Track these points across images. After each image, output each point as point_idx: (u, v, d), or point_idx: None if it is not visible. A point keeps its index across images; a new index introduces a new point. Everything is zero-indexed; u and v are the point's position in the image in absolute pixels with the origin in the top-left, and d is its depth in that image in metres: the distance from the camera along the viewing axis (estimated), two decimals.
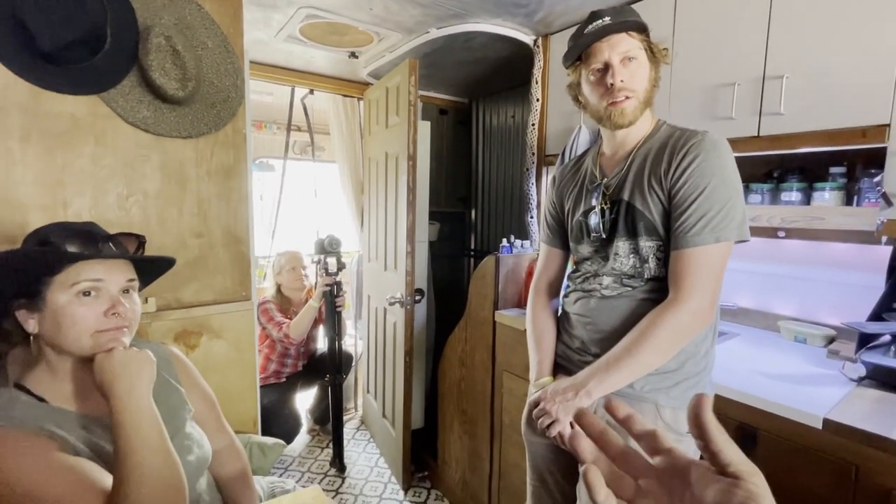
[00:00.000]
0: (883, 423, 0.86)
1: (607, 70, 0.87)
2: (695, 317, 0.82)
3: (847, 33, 1.07)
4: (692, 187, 0.82)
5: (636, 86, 0.87)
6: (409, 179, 1.89)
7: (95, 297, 0.75)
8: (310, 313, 2.25)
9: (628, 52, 0.86)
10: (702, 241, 0.81)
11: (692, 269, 0.82)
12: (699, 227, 0.81)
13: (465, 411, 1.90)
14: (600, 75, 0.89)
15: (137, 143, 1.26)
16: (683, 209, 0.82)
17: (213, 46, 1.35)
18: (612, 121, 0.90)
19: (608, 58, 0.87)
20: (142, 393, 0.74)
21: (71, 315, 0.73)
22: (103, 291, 0.76)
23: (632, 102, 0.87)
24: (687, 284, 0.82)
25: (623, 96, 0.87)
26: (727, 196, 0.82)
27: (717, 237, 0.81)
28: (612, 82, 0.86)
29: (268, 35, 1.86)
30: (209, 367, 1.35)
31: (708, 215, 0.81)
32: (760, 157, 1.37)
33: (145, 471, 0.68)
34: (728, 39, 1.27)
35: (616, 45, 0.86)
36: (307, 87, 2.47)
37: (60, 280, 0.73)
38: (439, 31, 1.78)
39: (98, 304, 0.75)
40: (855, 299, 1.32)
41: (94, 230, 0.82)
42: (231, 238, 1.42)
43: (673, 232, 0.84)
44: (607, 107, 0.89)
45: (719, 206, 0.81)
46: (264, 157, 3.10)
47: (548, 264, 1.12)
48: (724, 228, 0.81)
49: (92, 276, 0.75)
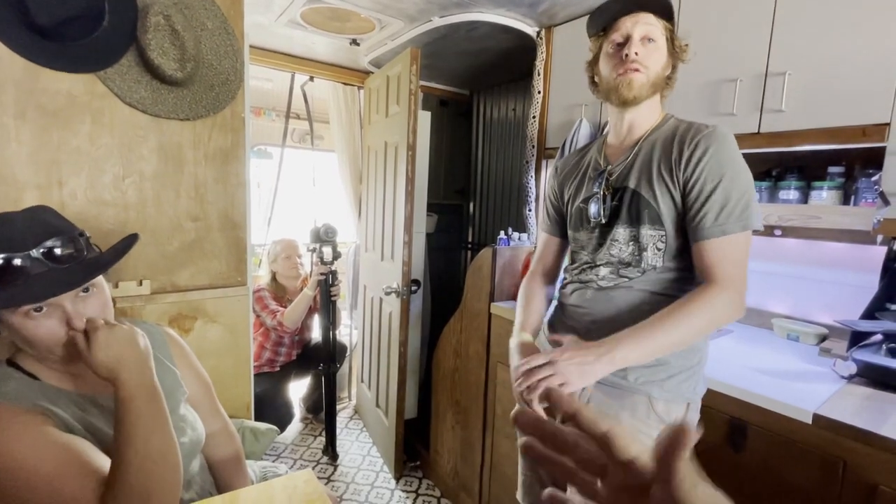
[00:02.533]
0: (872, 419, 0.87)
1: (626, 43, 0.87)
2: (731, 306, 0.81)
3: (851, 31, 1.07)
4: (710, 177, 0.82)
5: (650, 63, 0.87)
6: (409, 169, 1.89)
7: (47, 313, 0.69)
8: (304, 302, 2.24)
9: (650, 31, 0.87)
10: (730, 229, 0.81)
11: (725, 259, 0.81)
12: (724, 215, 0.81)
13: (459, 402, 1.91)
14: (618, 48, 0.89)
15: (135, 123, 1.25)
16: (704, 200, 0.82)
17: (213, 28, 1.33)
18: (618, 92, 0.89)
19: (630, 30, 0.87)
20: (147, 369, 0.72)
21: (32, 335, 0.69)
22: (53, 306, 0.69)
23: (640, 76, 0.87)
24: (722, 274, 0.81)
25: (634, 67, 0.86)
26: (745, 185, 0.82)
27: (743, 225, 0.81)
28: (627, 53, 0.86)
29: (268, 19, 1.83)
30: (204, 351, 1.35)
31: (730, 204, 0.81)
32: (760, 155, 1.37)
33: (150, 450, 0.67)
34: (732, 35, 1.27)
35: (641, 20, 0.87)
36: (307, 74, 2.45)
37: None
38: (442, 20, 1.76)
39: (53, 319, 0.69)
40: (848, 298, 1.33)
41: (14, 244, 0.68)
42: (228, 223, 1.41)
43: (696, 224, 0.83)
44: (617, 77, 0.88)
45: (738, 194, 0.81)
46: (262, 145, 3.07)
47: (545, 252, 1.13)
48: (749, 217, 0.81)
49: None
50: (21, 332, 0.69)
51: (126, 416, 0.68)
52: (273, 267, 2.41)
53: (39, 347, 0.70)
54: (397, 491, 2.05)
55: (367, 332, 2.52)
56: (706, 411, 1.01)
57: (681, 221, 0.87)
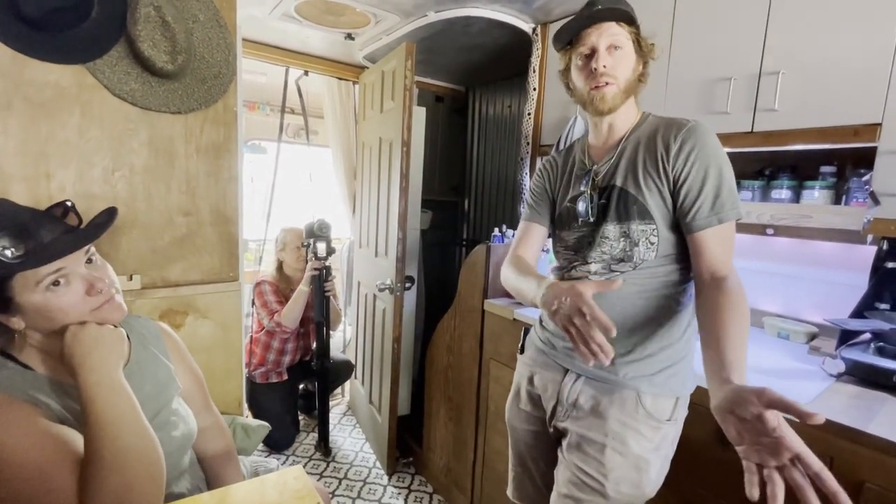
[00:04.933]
0: (858, 416, 0.88)
1: (593, 55, 0.90)
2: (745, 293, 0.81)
3: (843, 32, 1.07)
4: (701, 170, 0.84)
5: (618, 73, 0.89)
6: (403, 165, 1.88)
7: (66, 284, 0.72)
8: (301, 299, 2.22)
9: (615, 40, 0.89)
10: (726, 217, 0.83)
11: (722, 246, 0.84)
12: (719, 205, 0.83)
13: (452, 398, 1.91)
14: (587, 60, 0.91)
15: (125, 116, 1.23)
16: (698, 191, 0.84)
17: (205, 20, 1.31)
18: (593, 105, 0.92)
19: (595, 43, 0.89)
20: (112, 368, 0.72)
21: (56, 309, 0.71)
22: (71, 275, 0.73)
23: (612, 89, 0.90)
24: (724, 262, 0.83)
25: (604, 81, 0.89)
26: (730, 176, 0.86)
27: (736, 213, 0.84)
28: (596, 66, 0.89)
29: (262, 12, 1.82)
30: (194, 347, 1.34)
31: (723, 194, 0.84)
32: (753, 154, 1.37)
33: (119, 446, 0.67)
34: (726, 34, 1.27)
35: (605, 31, 0.89)
36: (302, 69, 2.43)
37: (20, 283, 0.69)
38: (437, 15, 1.75)
39: (74, 289, 0.73)
40: (838, 297, 1.34)
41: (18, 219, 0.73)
42: (220, 217, 1.40)
43: (692, 216, 0.85)
44: (590, 91, 0.91)
45: (729, 184, 0.85)
46: (256, 139, 3.05)
47: (523, 238, 1.11)
48: (738, 205, 0.85)
49: (51, 269, 0.70)
50: (46, 307, 0.70)
51: (89, 414, 0.68)
52: (280, 255, 2.34)
53: (71, 318, 0.72)
54: (389, 487, 2.05)
55: (361, 328, 2.52)
56: (695, 408, 1.02)
57: (670, 215, 0.88)
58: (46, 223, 0.74)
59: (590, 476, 0.90)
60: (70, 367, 0.70)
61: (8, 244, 0.67)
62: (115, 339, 0.75)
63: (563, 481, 0.95)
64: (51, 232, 0.73)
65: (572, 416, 0.94)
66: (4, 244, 0.67)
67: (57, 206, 0.81)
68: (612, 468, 0.88)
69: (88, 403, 0.68)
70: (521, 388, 1.08)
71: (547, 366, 1.01)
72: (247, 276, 1.60)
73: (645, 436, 0.88)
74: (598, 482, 0.89)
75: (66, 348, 0.71)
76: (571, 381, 0.95)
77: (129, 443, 0.68)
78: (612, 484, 0.88)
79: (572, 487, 0.92)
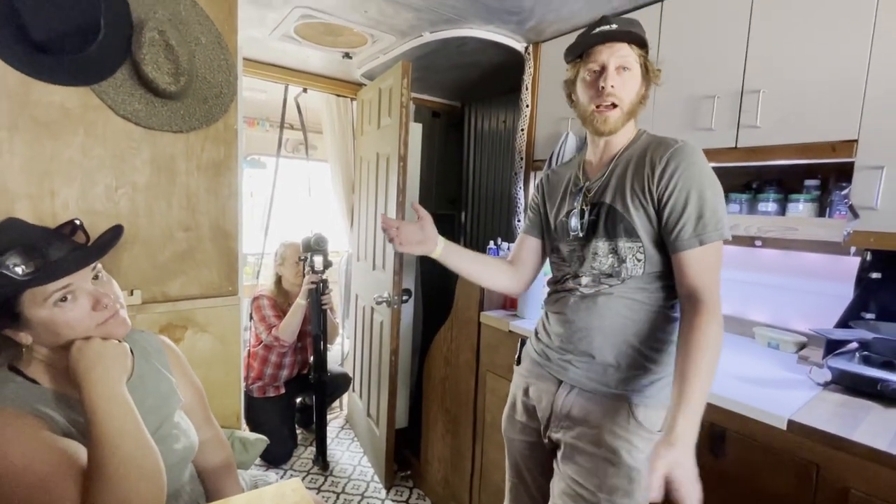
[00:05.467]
0: (844, 425, 0.90)
1: (602, 73, 0.91)
2: (719, 319, 0.83)
3: (819, 52, 1.12)
4: (683, 191, 0.85)
5: (624, 95, 0.91)
6: (400, 180, 1.92)
7: (73, 300, 0.74)
8: (298, 313, 2.23)
9: (625, 61, 0.90)
10: (707, 239, 0.84)
11: (704, 269, 0.84)
12: (701, 227, 0.84)
13: (449, 410, 1.92)
14: (595, 76, 0.92)
15: (128, 135, 1.26)
16: (680, 213, 0.85)
17: (207, 42, 1.36)
18: (594, 126, 0.94)
19: (606, 61, 0.90)
20: (116, 382, 0.74)
21: (63, 324, 0.73)
22: (78, 291, 0.75)
23: (616, 112, 0.91)
24: (703, 286, 0.84)
25: (610, 102, 0.91)
26: (717, 197, 0.86)
27: (719, 234, 0.85)
28: (604, 85, 0.90)
29: (262, 33, 1.87)
30: (194, 361, 1.35)
31: (706, 216, 0.85)
32: (740, 168, 1.41)
33: (121, 458, 0.69)
34: (709, 53, 1.32)
35: (616, 51, 0.90)
36: (301, 86, 2.48)
37: (29, 299, 0.72)
38: (433, 35, 1.81)
39: (80, 305, 0.75)
40: (826, 307, 1.37)
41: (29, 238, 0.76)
42: (219, 232, 1.43)
43: (675, 237, 0.86)
44: (593, 111, 0.93)
45: (712, 206, 0.85)
46: (256, 154, 3.09)
47: (517, 249, 1.18)
48: (723, 227, 0.85)
49: (59, 285, 0.73)
50: (54, 323, 0.73)
51: (92, 426, 0.70)
52: (279, 270, 2.36)
53: (77, 333, 0.74)
54: (388, 501, 2.05)
55: (359, 341, 2.53)
56: None
57: (656, 234, 0.90)
58: (55, 241, 0.76)
59: (584, 487, 0.92)
60: (75, 380, 0.72)
61: (19, 261, 0.70)
62: (119, 354, 0.77)
63: (557, 493, 0.96)
64: (59, 250, 0.75)
65: (565, 427, 0.96)
66: (15, 261, 0.69)
67: (66, 225, 0.84)
68: (605, 479, 0.90)
69: (92, 416, 0.70)
70: (517, 399, 1.10)
71: (541, 377, 1.03)
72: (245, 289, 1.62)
73: (637, 447, 0.90)
74: (592, 493, 0.91)
75: (71, 362, 0.73)
76: (565, 392, 0.97)
77: (132, 455, 0.70)
78: (606, 495, 0.90)
79: (567, 499, 0.93)
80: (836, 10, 1.09)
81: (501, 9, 1.58)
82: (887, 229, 1.02)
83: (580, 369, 0.95)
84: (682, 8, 1.37)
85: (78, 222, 0.84)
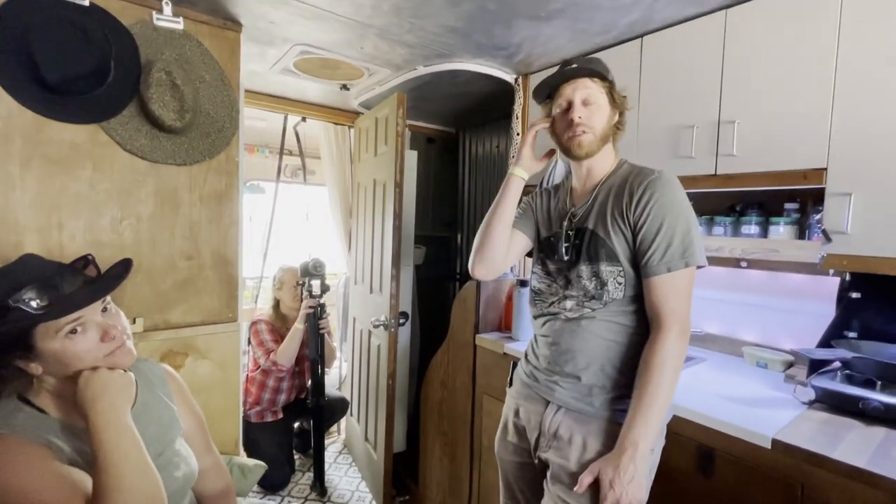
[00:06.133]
0: (827, 443, 0.93)
1: (570, 108, 0.99)
2: (681, 341, 0.90)
3: (787, 87, 1.18)
4: (655, 220, 0.91)
5: (594, 123, 0.99)
6: (396, 206, 1.97)
7: (83, 332, 0.78)
8: (296, 337, 2.25)
9: (588, 94, 0.98)
10: (674, 266, 0.90)
11: (669, 294, 0.90)
12: (669, 255, 0.90)
13: (446, 434, 1.92)
14: (564, 112, 1.01)
15: (134, 168, 1.32)
16: (651, 240, 0.91)
17: (211, 80, 1.43)
18: (571, 152, 1.01)
19: (571, 96, 0.99)
20: (120, 411, 0.77)
21: (73, 355, 0.76)
22: (88, 323, 0.79)
23: (588, 136, 0.99)
24: (667, 311, 0.90)
25: (581, 131, 0.98)
26: (687, 227, 0.91)
27: (686, 262, 0.90)
28: (573, 118, 0.98)
29: (263, 68, 1.95)
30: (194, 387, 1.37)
31: (674, 245, 0.90)
32: (723, 192, 1.47)
33: (125, 485, 0.71)
34: (687, 85, 1.39)
35: (579, 87, 0.99)
36: (300, 115, 2.56)
37: (42, 331, 0.75)
38: (426, 69, 1.89)
39: (89, 336, 0.78)
40: (810, 326, 1.41)
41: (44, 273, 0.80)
42: (220, 260, 1.47)
43: (645, 262, 0.92)
44: (567, 139, 1.01)
45: (681, 235, 0.90)
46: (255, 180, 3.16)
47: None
48: (692, 255, 0.90)
49: (71, 318, 0.76)
50: (64, 354, 0.76)
51: (97, 454, 0.73)
52: (278, 294, 2.38)
53: (85, 364, 0.78)
54: None
55: (356, 364, 2.54)
56: (676, 438, 1.07)
57: (634, 258, 0.95)
58: (69, 276, 0.80)
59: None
60: (82, 409, 0.75)
61: (34, 296, 0.74)
62: (125, 384, 0.80)
63: None
64: (72, 284, 0.79)
65: (553, 446, 0.98)
66: (31, 296, 0.73)
67: (79, 260, 0.88)
68: (592, 499, 0.92)
69: (97, 444, 0.73)
70: (509, 420, 1.12)
71: (530, 398, 1.06)
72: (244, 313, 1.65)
73: None
74: None
75: (79, 392, 0.76)
76: (552, 412, 1.00)
77: (135, 483, 0.72)
78: None
79: None
80: (800, 49, 1.16)
81: (491, 45, 1.66)
82: (859, 252, 1.07)
83: (566, 390, 0.98)
84: (660, 44, 1.45)
85: (90, 257, 0.89)
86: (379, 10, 1.40)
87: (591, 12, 1.39)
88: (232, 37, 1.48)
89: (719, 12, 1.31)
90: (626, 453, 0.85)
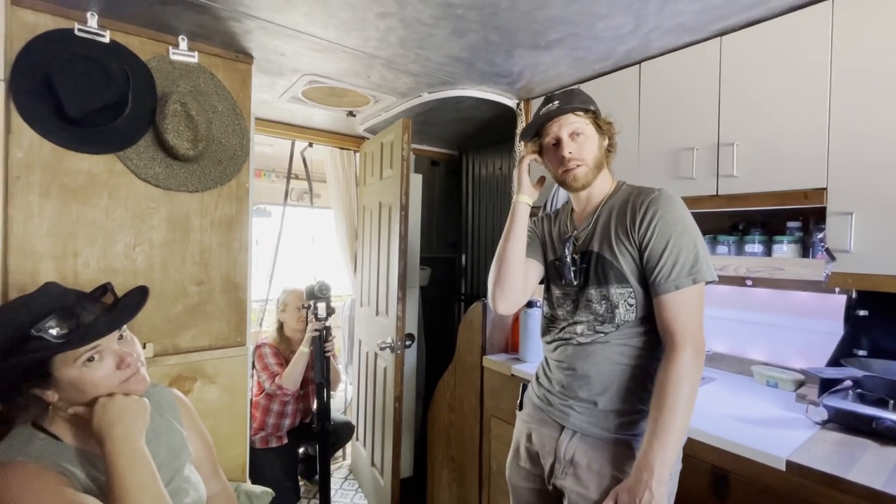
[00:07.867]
0: (841, 464, 0.92)
1: (559, 143, 1.01)
2: (694, 358, 0.89)
3: (783, 110, 1.21)
4: (661, 238, 0.92)
5: (584, 155, 1.00)
6: (402, 228, 2.00)
7: (100, 360, 0.80)
8: (301, 361, 2.24)
9: (575, 127, 1.01)
10: (682, 284, 0.90)
11: (680, 311, 0.90)
12: (676, 272, 0.90)
13: (454, 458, 1.90)
14: (555, 148, 1.03)
15: (147, 196, 1.35)
16: (657, 258, 0.91)
17: (223, 110, 1.48)
18: (567, 185, 1.04)
19: (558, 133, 1.01)
20: (136, 437, 0.78)
21: (90, 382, 0.78)
22: (105, 351, 0.81)
23: (582, 169, 1.01)
24: (680, 328, 0.89)
25: (574, 165, 1.00)
26: (693, 242, 0.92)
27: (693, 279, 0.90)
28: (563, 154, 1.00)
29: (272, 96, 2.01)
30: (202, 412, 1.37)
31: (680, 261, 0.90)
32: (727, 211, 1.49)
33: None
34: (686, 109, 1.42)
35: (564, 124, 1.01)
36: (307, 141, 2.63)
37: (60, 360, 0.77)
38: (431, 95, 1.95)
39: (106, 364, 0.80)
40: (820, 344, 1.40)
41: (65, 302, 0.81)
42: (230, 285, 1.49)
43: (653, 281, 0.92)
44: (562, 174, 1.03)
45: (687, 252, 0.91)
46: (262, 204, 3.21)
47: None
48: (699, 271, 0.91)
49: (89, 347, 0.78)
50: (81, 382, 0.77)
51: (112, 480, 0.73)
52: (281, 317, 2.38)
53: (101, 391, 0.79)
54: None
55: (363, 387, 2.53)
56: (689, 460, 1.05)
57: (643, 277, 0.95)
58: (88, 304, 0.82)
59: None
60: (98, 436, 0.76)
61: (55, 324, 0.75)
62: (140, 410, 0.81)
63: None
64: (91, 313, 0.81)
65: (570, 473, 0.97)
66: (52, 325, 0.75)
67: (98, 289, 0.90)
68: None
69: (113, 471, 0.73)
70: (521, 445, 1.11)
71: (544, 422, 1.05)
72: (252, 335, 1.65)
73: None
74: None
75: (95, 418, 0.77)
76: (567, 437, 0.99)
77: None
78: None
79: None
80: (795, 72, 1.19)
81: (493, 72, 1.72)
82: (863, 271, 1.08)
83: (582, 415, 0.98)
84: (658, 70, 1.50)
85: (109, 286, 0.91)
86: (385, 42, 1.46)
87: (588, 42, 1.44)
88: (244, 69, 1.53)
89: (714, 40, 1.35)
90: (643, 479, 0.84)
